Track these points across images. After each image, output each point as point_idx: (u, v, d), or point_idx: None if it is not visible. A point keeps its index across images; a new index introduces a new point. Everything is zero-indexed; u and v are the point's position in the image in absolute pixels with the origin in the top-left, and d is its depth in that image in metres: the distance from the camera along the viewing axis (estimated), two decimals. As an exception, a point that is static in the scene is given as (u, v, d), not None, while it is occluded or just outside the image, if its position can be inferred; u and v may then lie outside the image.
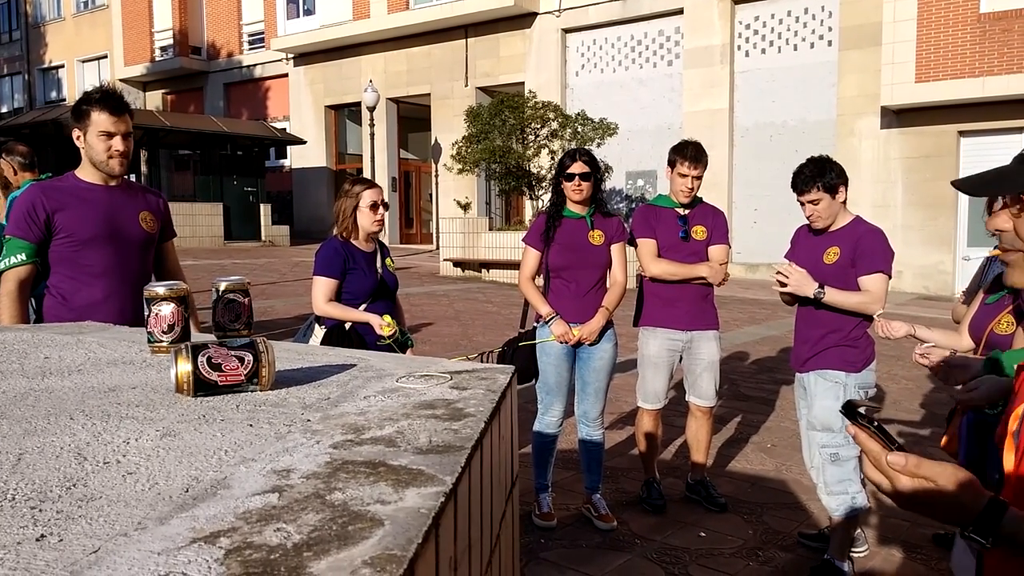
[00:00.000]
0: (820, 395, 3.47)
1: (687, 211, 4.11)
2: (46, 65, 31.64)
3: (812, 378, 3.52)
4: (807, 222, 3.68)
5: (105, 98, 2.89)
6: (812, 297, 3.40)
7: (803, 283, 3.39)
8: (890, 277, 3.45)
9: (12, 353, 1.70)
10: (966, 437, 3.26)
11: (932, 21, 13.67)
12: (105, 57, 29.24)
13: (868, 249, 3.41)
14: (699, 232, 4.09)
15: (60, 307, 2.86)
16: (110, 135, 2.89)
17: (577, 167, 3.82)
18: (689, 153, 4.03)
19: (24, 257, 2.81)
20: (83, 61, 30.23)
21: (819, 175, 3.41)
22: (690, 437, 4.30)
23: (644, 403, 4.19)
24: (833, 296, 3.39)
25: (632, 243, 4.12)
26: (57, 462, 0.97)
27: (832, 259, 3.47)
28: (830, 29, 15.74)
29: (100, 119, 2.88)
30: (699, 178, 4.06)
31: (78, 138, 2.91)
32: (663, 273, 4.03)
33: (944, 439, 3.42)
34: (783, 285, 3.47)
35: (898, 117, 14.62)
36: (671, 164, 4.10)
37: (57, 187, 2.93)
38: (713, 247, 4.10)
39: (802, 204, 3.50)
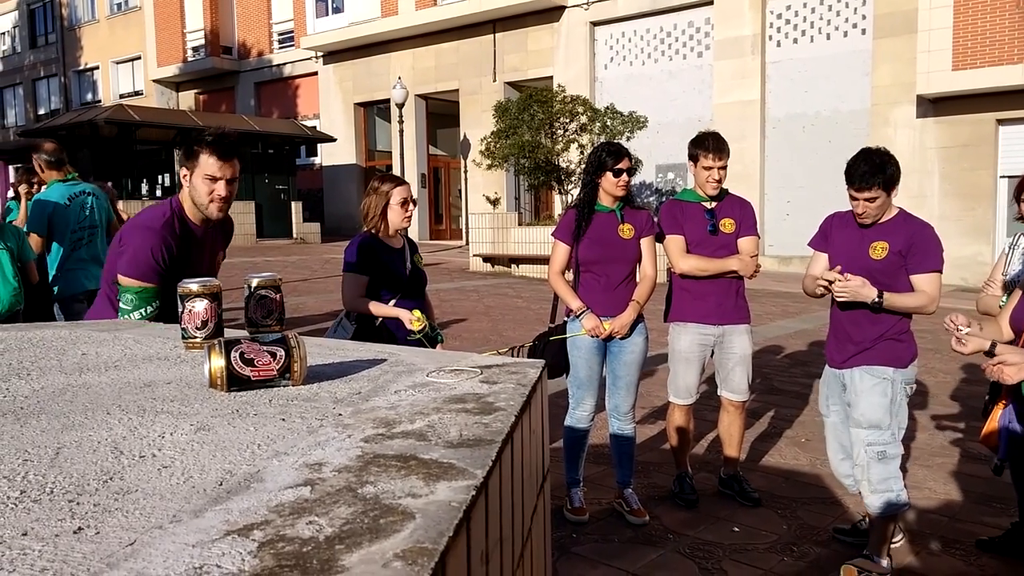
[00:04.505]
0: (867, 392, 3.34)
1: (714, 204, 4.07)
2: (81, 67, 32.22)
3: (857, 374, 3.37)
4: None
5: (216, 141, 2.80)
6: (870, 304, 3.25)
7: (861, 292, 3.24)
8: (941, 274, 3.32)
9: (50, 350, 1.74)
10: (1007, 432, 3.21)
11: (969, 7, 13.39)
12: (139, 58, 29.71)
13: (923, 246, 3.27)
14: (727, 225, 4.04)
15: None
16: (215, 179, 2.80)
17: (625, 163, 3.83)
18: (710, 145, 3.98)
19: (158, 304, 2.75)
20: (117, 62, 30.74)
21: (879, 171, 3.23)
22: (722, 431, 4.26)
23: (675, 398, 4.16)
24: (892, 300, 3.24)
25: (660, 239, 4.08)
26: (94, 456, 0.98)
27: (881, 255, 3.31)
28: (864, 17, 15.48)
29: (208, 162, 2.78)
30: (724, 168, 4.01)
31: (185, 176, 2.84)
32: (693, 269, 3.99)
33: (983, 432, 3.36)
34: (827, 292, 3.31)
35: (934, 106, 14.34)
36: (693, 159, 4.05)
37: (173, 230, 2.82)
38: (743, 239, 4.05)
39: (855, 199, 3.30)
